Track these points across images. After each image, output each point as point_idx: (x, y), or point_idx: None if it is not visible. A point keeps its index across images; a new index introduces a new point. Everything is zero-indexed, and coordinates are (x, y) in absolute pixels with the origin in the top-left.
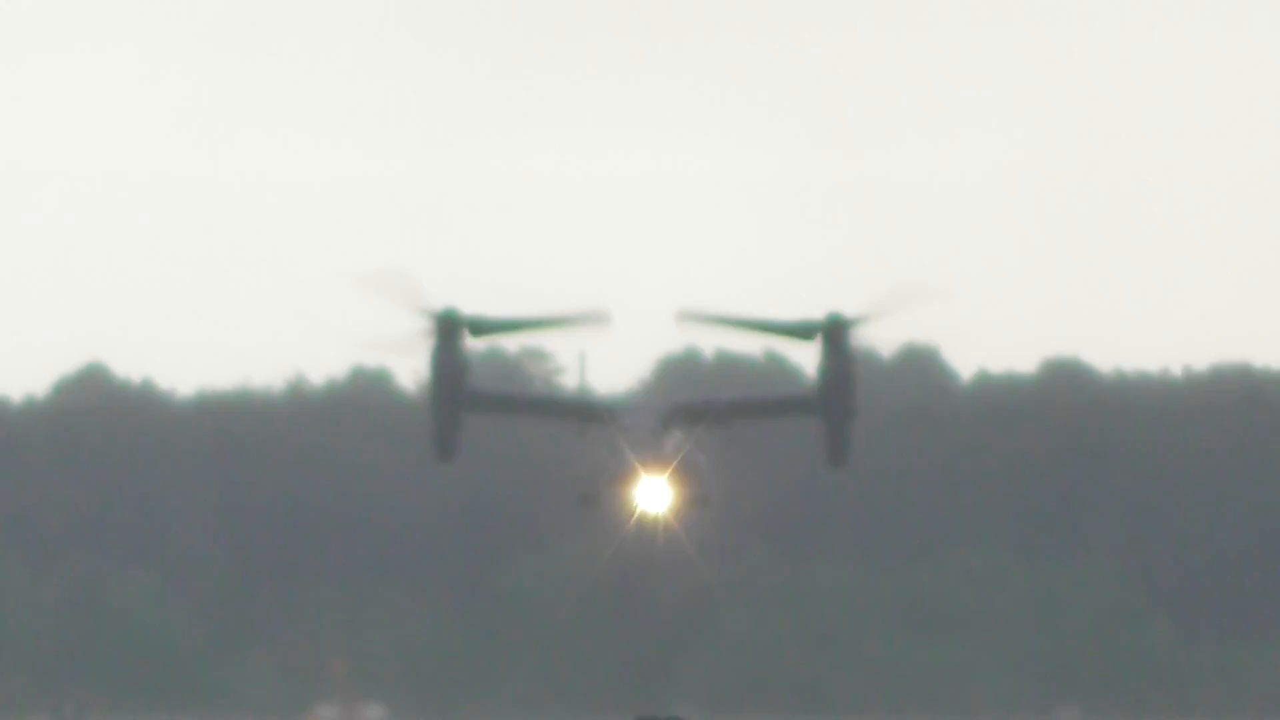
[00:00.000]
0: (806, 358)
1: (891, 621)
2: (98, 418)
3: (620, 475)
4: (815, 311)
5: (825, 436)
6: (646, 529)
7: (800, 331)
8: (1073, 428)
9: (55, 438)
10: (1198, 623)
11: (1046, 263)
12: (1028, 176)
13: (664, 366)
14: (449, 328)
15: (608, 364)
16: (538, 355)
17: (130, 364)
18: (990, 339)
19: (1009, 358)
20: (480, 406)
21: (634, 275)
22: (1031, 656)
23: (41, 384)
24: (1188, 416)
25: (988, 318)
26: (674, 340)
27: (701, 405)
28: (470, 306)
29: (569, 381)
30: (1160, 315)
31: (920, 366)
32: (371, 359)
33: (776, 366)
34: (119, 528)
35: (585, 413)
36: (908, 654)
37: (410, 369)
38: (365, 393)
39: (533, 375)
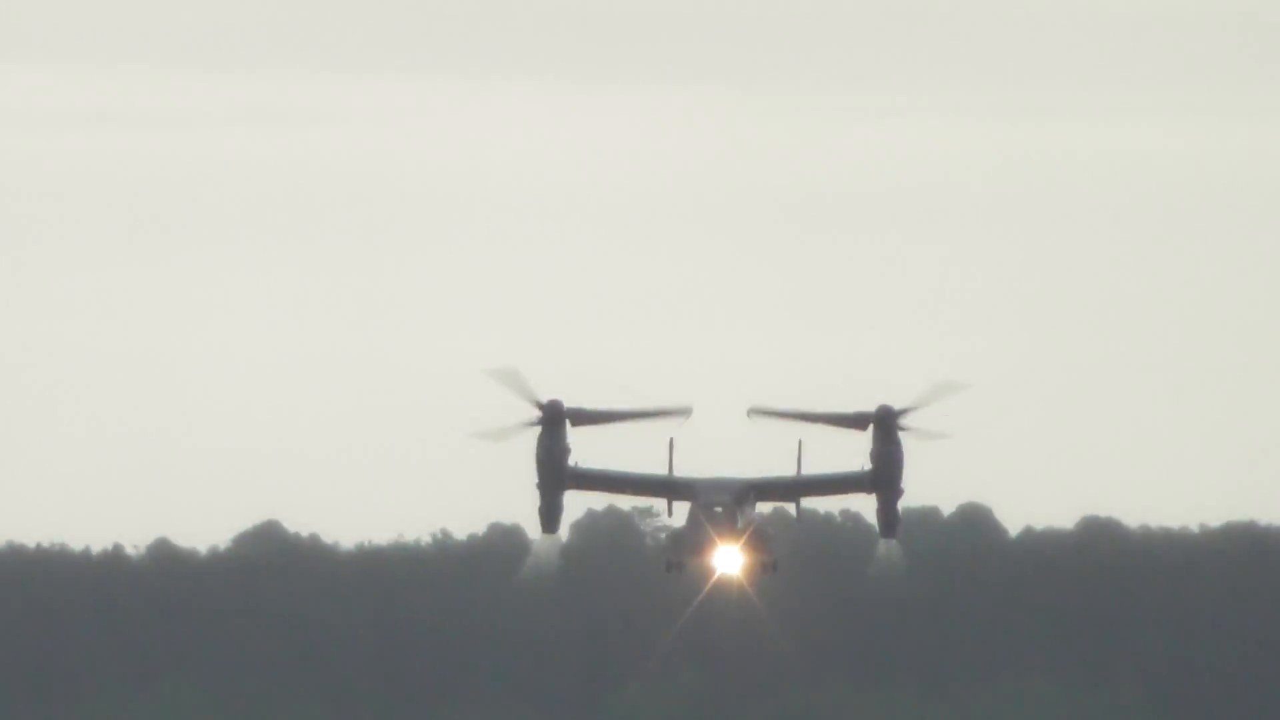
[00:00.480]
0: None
1: None
2: (272, 568)
3: (701, 545)
4: (867, 405)
5: (878, 511)
6: (724, 591)
7: (855, 422)
8: (1106, 576)
9: (235, 585)
10: None
11: (1084, 428)
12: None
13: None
14: (554, 416)
15: (692, 453)
16: (645, 511)
17: (300, 520)
18: (1034, 495)
19: (1051, 515)
20: (582, 485)
21: (713, 371)
22: None
23: (223, 538)
24: (1202, 566)
25: (1030, 473)
26: (748, 430)
27: (771, 483)
28: (570, 400)
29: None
30: (1180, 474)
31: (974, 521)
32: (506, 515)
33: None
34: (289, 662)
35: (670, 489)
36: None
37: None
38: (498, 544)
39: (642, 531)
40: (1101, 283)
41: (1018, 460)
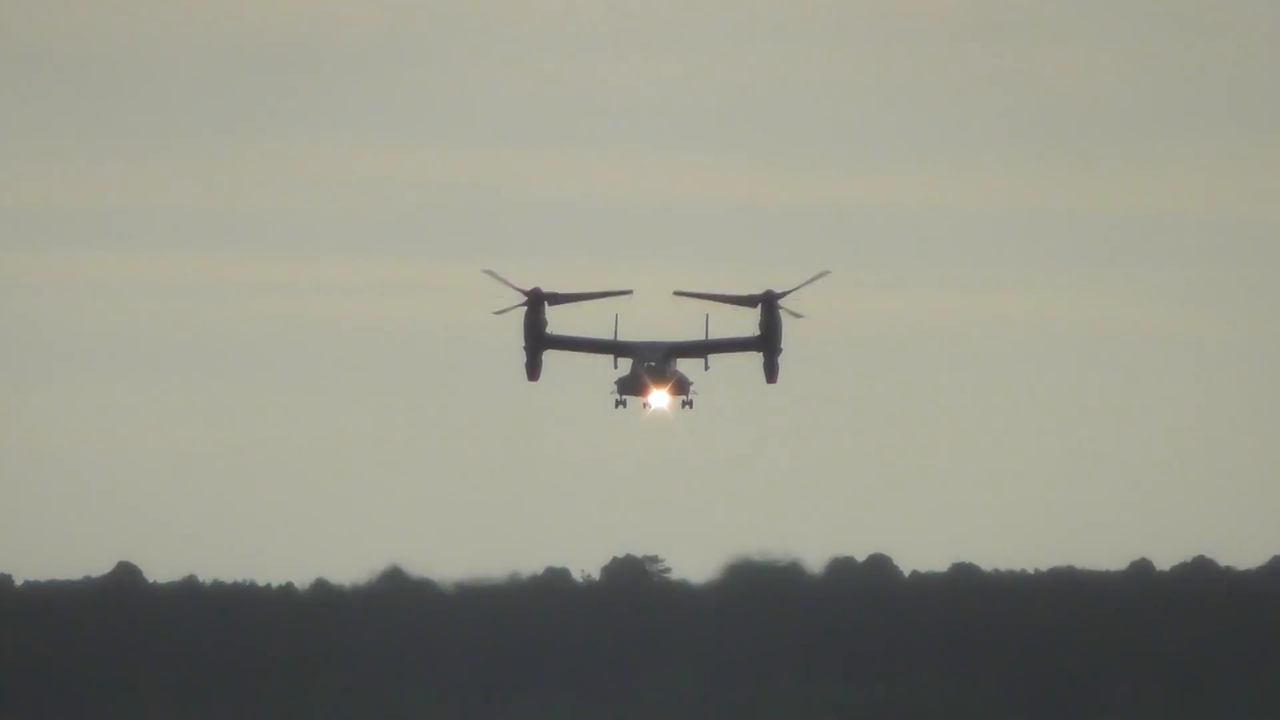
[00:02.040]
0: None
1: None
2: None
3: (638, 388)
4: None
5: (764, 365)
6: (655, 418)
7: (748, 302)
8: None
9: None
10: None
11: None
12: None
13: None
14: (536, 298)
15: (634, 322)
16: (652, 559)
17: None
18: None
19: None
20: (556, 346)
21: (647, 262)
22: None
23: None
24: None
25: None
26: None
27: (688, 344)
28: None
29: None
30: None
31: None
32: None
33: None
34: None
35: (617, 349)
36: None
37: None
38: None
39: (650, 572)
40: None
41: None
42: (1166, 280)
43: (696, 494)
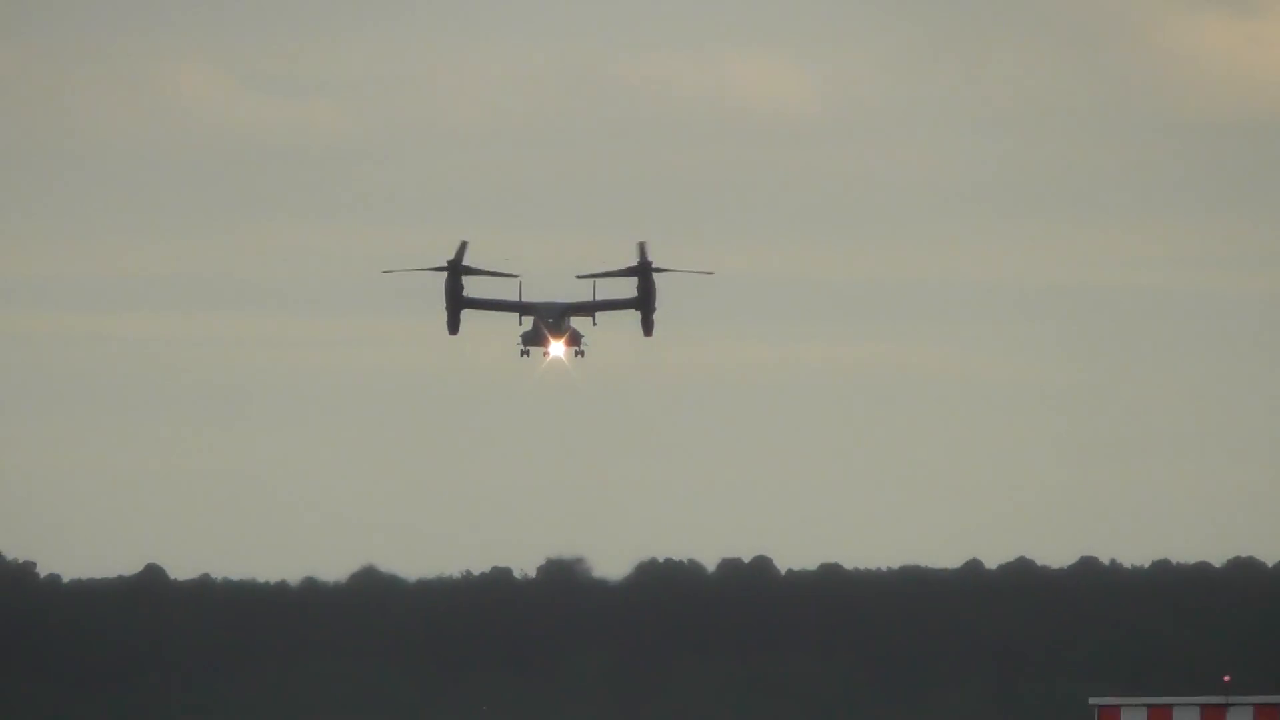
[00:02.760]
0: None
1: None
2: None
3: (540, 340)
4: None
5: (642, 321)
6: (554, 365)
7: (629, 272)
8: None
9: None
10: None
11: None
12: None
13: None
14: (454, 269)
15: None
16: (578, 560)
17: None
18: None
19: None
20: (472, 306)
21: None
22: None
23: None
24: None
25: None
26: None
27: (581, 304)
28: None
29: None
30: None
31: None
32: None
33: None
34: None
35: (522, 308)
36: None
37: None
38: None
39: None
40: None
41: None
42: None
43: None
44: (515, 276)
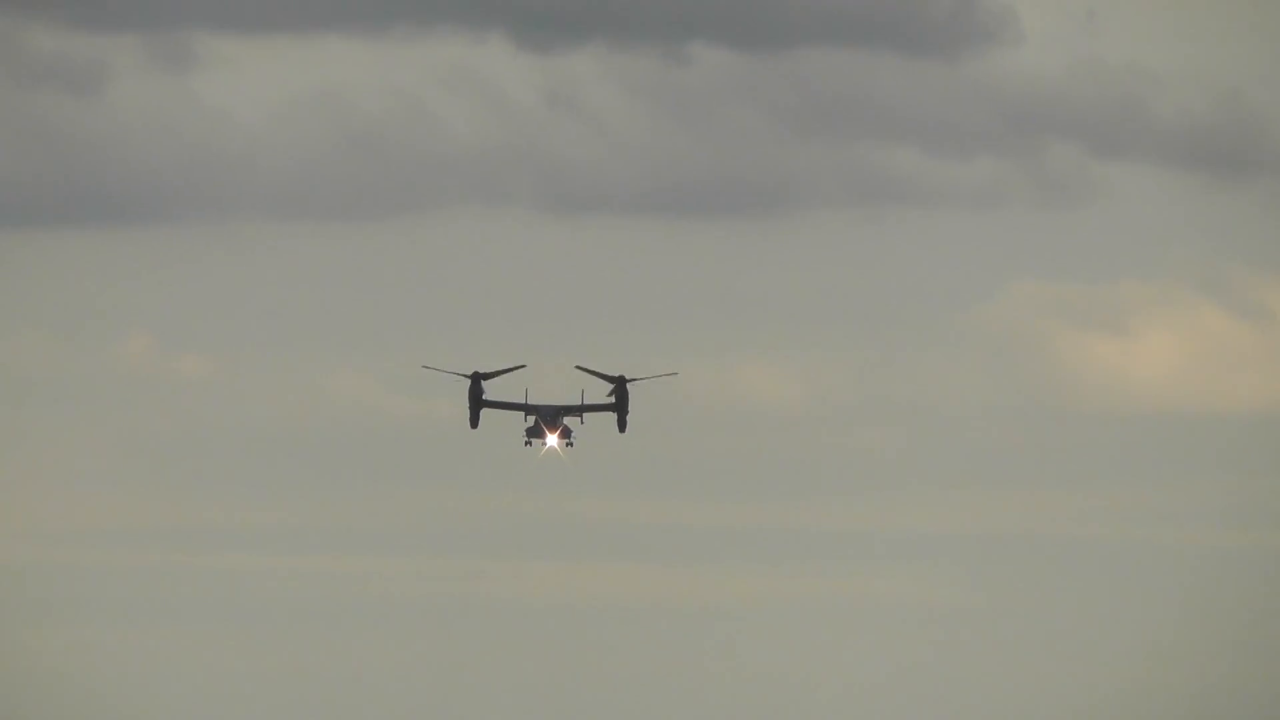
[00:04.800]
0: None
1: None
2: None
3: (540, 433)
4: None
5: (618, 420)
6: (550, 454)
7: (610, 380)
8: None
9: None
10: None
11: None
12: None
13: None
14: (477, 377)
15: (543, 392)
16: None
17: None
18: None
19: None
20: (490, 406)
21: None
22: None
23: None
24: None
25: None
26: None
27: (569, 407)
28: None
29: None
30: None
31: None
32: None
33: None
34: None
35: (527, 409)
36: None
37: None
38: None
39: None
40: None
41: None
42: None
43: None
44: (523, 367)
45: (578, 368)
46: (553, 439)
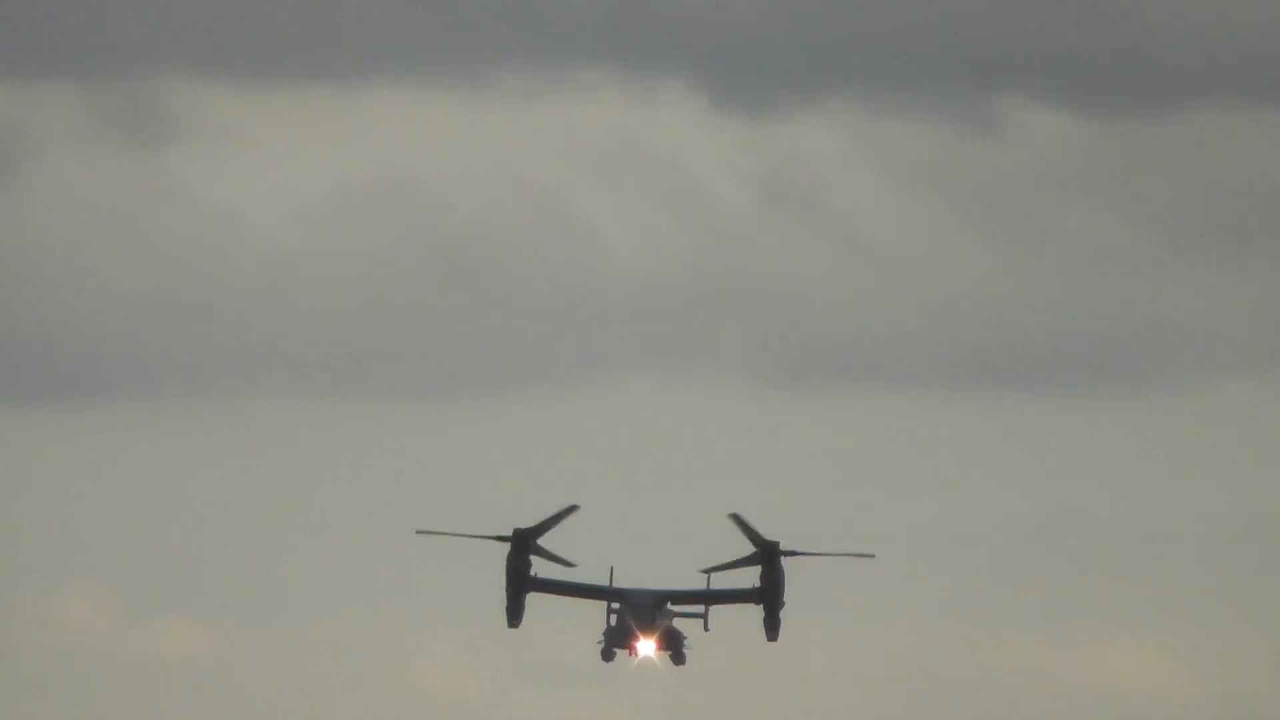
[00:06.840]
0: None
1: None
2: None
3: (625, 638)
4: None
5: (765, 619)
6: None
7: (749, 560)
8: None
9: None
10: None
11: None
12: None
13: None
14: (520, 539)
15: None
16: None
17: None
18: None
19: None
20: (540, 589)
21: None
22: None
23: None
24: None
25: None
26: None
27: (680, 593)
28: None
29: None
30: None
31: None
32: None
33: None
34: None
35: (607, 595)
36: None
37: None
38: None
39: None
40: None
41: None
42: None
43: None
44: (576, 508)
45: (731, 516)
46: (648, 648)
